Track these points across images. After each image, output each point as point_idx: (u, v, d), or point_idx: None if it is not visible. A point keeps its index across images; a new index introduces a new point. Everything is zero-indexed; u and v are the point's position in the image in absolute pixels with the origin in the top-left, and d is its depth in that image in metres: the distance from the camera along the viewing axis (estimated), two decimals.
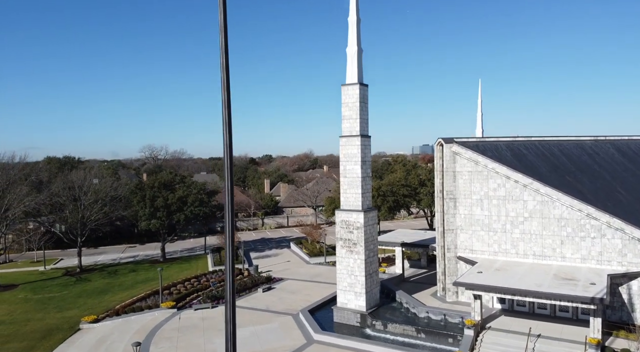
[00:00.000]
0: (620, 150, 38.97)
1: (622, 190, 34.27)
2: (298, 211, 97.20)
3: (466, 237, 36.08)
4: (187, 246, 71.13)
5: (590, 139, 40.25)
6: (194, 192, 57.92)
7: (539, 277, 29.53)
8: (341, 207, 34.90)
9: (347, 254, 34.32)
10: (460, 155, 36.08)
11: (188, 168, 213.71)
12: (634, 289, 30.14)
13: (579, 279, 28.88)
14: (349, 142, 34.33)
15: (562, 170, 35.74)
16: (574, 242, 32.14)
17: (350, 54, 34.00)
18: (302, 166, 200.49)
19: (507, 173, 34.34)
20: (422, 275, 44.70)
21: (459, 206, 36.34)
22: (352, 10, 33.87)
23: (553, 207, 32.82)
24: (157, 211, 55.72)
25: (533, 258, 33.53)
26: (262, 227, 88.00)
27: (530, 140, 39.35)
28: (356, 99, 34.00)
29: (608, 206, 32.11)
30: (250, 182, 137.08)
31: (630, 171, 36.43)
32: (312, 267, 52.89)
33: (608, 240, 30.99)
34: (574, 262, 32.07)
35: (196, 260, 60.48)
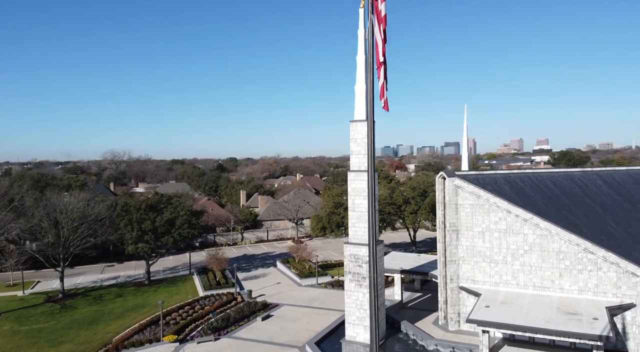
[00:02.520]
0: (607, 181, 41.28)
1: (613, 223, 36.36)
2: (277, 224, 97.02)
3: (468, 268, 37.31)
4: (168, 265, 69.71)
5: (579, 171, 42.47)
6: (181, 214, 56.97)
7: (545, 312, 30.96)
8: (349, 240, 35.37)
9: (355, 287, 34.81)
10: (463, 189, 37.31)
11: (152, 173, 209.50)
12: (628, 319, 32.08)
13: (581, 313, 30.48)
14: (358, 177, 34.90)
15: (557, 204, 37.55)
16: (572, 274, 33.87)
17: (359, 92, 34.60)
18: (272, 173, 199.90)
19: (508, 208, 35.79)
20: (419, 300, 45.77)
21: (461, 238, 37.54)
22: (360, 50, 34.51)
23: (552, 241, 34.47)
24: (144, 234, 54.46)
25: (533, 289, 35.06)
26: (241, 242, 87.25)
27: (525, 173, 41.17)
28: (364, 135, 34.59)
29: (602, 240, 34.02)
30: (223, 192, 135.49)
31: (618, 203, 38.67)
32: (305, 290, 53.04)
33: (604, 273, 32.84)
34: (571, 293, 33.78)
35: (183, 282, 59.40)
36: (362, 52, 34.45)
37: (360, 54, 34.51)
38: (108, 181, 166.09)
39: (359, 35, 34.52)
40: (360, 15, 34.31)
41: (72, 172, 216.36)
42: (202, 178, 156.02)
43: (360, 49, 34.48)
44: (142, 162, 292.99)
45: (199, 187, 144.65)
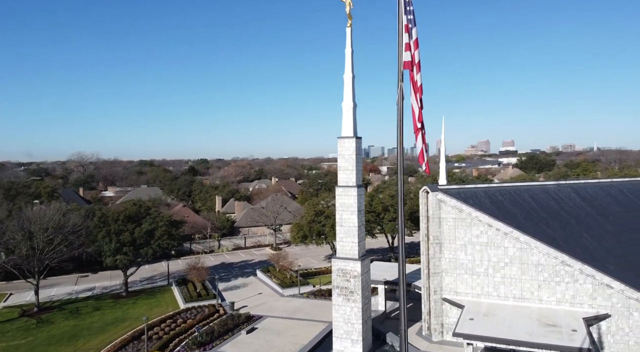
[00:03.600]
0: (580, 194, 43.13)
1: (587, 235, 38.05)
2: (255, 231, 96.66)
3: (451, 280, 38.34)
4: (145, 275, 68.53)
5: (554, 184, 44.23)
6: (160, 225, 56.22)
7: (526, 324, 32.17)
8: (337, 255, 35.84)
9: (343, 302, 35.30)
10: (445, 203, 38.32)
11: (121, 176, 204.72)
12: (603, 329, 33.67)
13: (561, 325, 31.83)
14: (346, 193, 35.43)
15: (535, 217, 39.02)
16: (550, 286, 35.29)
17: (347, 109, 35.15)
18: (247, 176, 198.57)
19: (490, 222, 36.99)
20: None
21: (444, 250, 38.55)
22: (347, 68, 35.05)
23: (531, 254, 35.82)
24: (123, 246, 53.52)
25: (513, 300, 36.34)
26: (219, 250, 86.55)
27: (503, 186, 42.61)
28: (352, 151, 35.20)
29: (578, 253, 35.59)
30: (197, 197, 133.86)
31: (591, 216, 40.47)
32: (288, 300, 53.21)
33: (580, 285, 34.36)
34: (550, 304, 35.19)
35: (162, 293, 58.64)
36: (349, 71, 34.98)
37: (348, 72, 35.03)
38: (76, 185, 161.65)
39: (346, 54, 35.02)
40: (348, 34, 34.85)
41: (36, 174, 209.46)
42: (175, 182, 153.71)
43: (347, 67, 34.99)
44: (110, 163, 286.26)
45: (171, 192, 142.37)
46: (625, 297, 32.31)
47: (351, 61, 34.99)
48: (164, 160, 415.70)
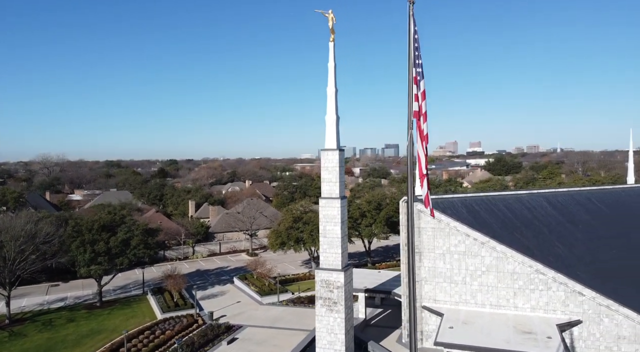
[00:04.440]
0: (551, 203, 44.87)
1: (559, 244, 39.67)
2: (230, 236, 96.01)
3: (430, 288, 39.28)
4: (118, 283, 67.13)
5: (526, 193, 45.86)
6: (136, 234, 55.30)
7: (503, 331, 33.31)
8: (320, 266, 36.18)
9: (327, 312, 35.67)
10: (425, 213, 39.23)
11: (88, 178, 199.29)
12: (575, 334, 35.20)
13: (536, 332, 33.11)
14: (329, 204, 35.80)
15: (510, 227, 40.40)
16: (525, 293, 36.64)
17: (330, 122, 35.56)
18: (219, 179, 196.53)
19: (467, 231, 38.11)
20: (381, 316, 47.41)
21: (423, 259, 39.48)
22: (330, 82, 35.44)
23: (507, 262, 37.10)
24: (97, 256, 52.41)
25: (490, 308, 37.55)
26: (193, 256, 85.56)
27: (479, 196, 43.89)
28: (335, 163, 35.63)
29: (551, 261, 37.09)
30: (169, 201, 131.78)
31: (562, 224, 42.19)
32: (268, 308, 53.21)
33: (553, 292, 35.82)
34: (525, 311, 36.53)
35: (138, 303, 57.66)
36: (332, 84, 35.39)
37: (331, 85, 35.43)
38: (41, 188, 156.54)
39: (329, 68, 35.41)
40: (330, 48, 35.27)
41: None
42: (145, 186, 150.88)
43: (330, 81, 35.39)
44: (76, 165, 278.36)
45: (142, 196, 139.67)
46: (596, 304, 33.88)
47: (334, 75, 35.39)
48: (132, 160, 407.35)
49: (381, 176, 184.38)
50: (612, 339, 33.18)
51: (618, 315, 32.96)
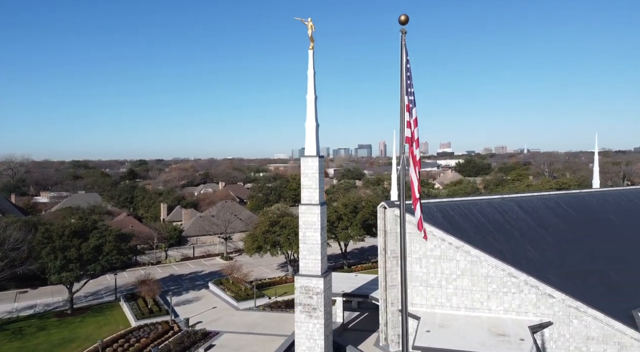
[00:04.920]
0: (522, 207, 46.26)
1: (531, 247, 40.98)
2: (204, 240, 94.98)
3: (407, 291, 39.90)
4: (89, 289, 65.50)
5: (498, 198, 47.13)
6: (109, 240, 54.18)
7: (478, 334, 34.23)
8: (300, 272, 36.38)
9: (306, 318, 35.88)
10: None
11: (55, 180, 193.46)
12: (546, 335, 36.46)
13: (509, 334, 34.15)
14: (309, 211, 36.03)
15: (483, 231, 41.47)
16: (498, 296, 37.71)
17: (310, 129, 35.81)
18: (191, 180, 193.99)
19: (442, 236, 38.95)
20: (358, 319, 47.93)
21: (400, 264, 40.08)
22: (309, 89, 35.71)
23: (481, 266, 38.10)
24: (69, 263, 51.12)
25: (465, 310, 38.47)
26: (166, 261, 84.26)
27: (453, 201, 44.89)
28: (315, 170, 35.91)
29: (523, 264, 38.27)
30: (140, 203, 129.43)
31: (533, 228, 43.57)
32: (244, 314, 52.97)
33: (525, 295, 36.99)
34: (498, 313, 37.60)
35: (110, 310, 56.47)
36: (311, 92, 35.65)
37: (310, 93, 35.69)
38: (6, 191, 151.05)
39: (308, 76, 35.67)
40: (310, 56, 35.52)
41: None
42: (115, 188, 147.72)
43: (309, 89, 35.65)
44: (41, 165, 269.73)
45: (111, 199, 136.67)
46: (566, 306, 35.17)
47: (313, 83, 35.67)
48: (100, 161, 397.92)
49: (355, 177, 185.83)
50: (581, 340, 34.51)
51: (587, 316, 34.30)
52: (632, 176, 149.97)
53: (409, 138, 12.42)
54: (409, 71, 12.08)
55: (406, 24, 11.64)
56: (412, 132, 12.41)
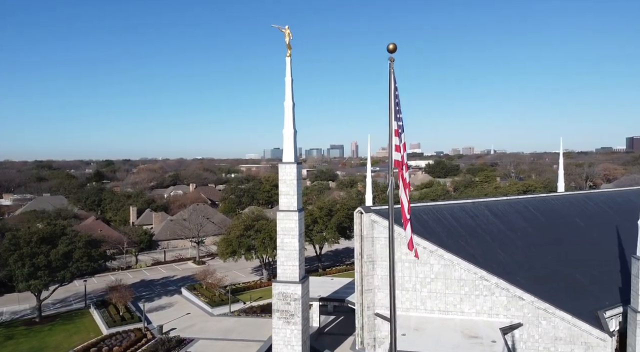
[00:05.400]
0: (492, 211, 47.66)
1: (501, 251, 42.30)
2: (175, 244, 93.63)
3: (383, 295, 40.61)
4: (57, 296, 63.59)
5: (470, 202, 48.36)
6: (79, 246, 52.87)
7: (452, 337, 35.12)
8: (278, 278, 36.49)
9: (283, 325, 36.04)
10: (378, 224, 40.54)
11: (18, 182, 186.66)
12: (517, 336, 37.72)
13: (482, 336, 35.18)
14: (287, 217, 36.19)
15: (455, 235, 42.54)
16: (471, 299, 38.78)
17: (287, 136, 36.00)
18: (160, 182, 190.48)
19: (417, 240, 39.68)
20: (334, 323, 48.34)
21: (376, 268, 40.74)
22: (287, 96, 35.90)
23: (454, 270, 39.09)
24: (37, 270, 49.66)
25: (439, 313, 39.39)
26: (136, 266, 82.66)
27: (427, 205, 45.85)
28: (294, 176, 36.10)
29: (494, 267, 39.48)
30: (108, 206, 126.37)
31: (503, 232, 44.97)
32: (219, 320, 52.61)
33: (496, 297, 38.18)
34: (470, 316, 38.65)
35: (80, 318, 55.12)
36: (289, 99, 35.83)
37: (288, 100, 35.87)
38: None
39: (286, 83, 35.85)
40: (287, 63, 35.69)
41: None
42: (82, 190, 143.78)
43: (287, 96, 35.82)
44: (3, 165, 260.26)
45: (78, 202, 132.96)
46: (535, 308, 36.48)
47: (291, 89, 35.86)
48: (64, 161, 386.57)
49: (328, 178, 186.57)
50: (549, 340, 35.88)
51: (555, 317, 35.68)
52: (594, 178, 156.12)
53: (398, 161, 12.87)
54: (397, 98, 12.51)
55: (394, 52, 12.03)
56: (401, 156, 12.86)
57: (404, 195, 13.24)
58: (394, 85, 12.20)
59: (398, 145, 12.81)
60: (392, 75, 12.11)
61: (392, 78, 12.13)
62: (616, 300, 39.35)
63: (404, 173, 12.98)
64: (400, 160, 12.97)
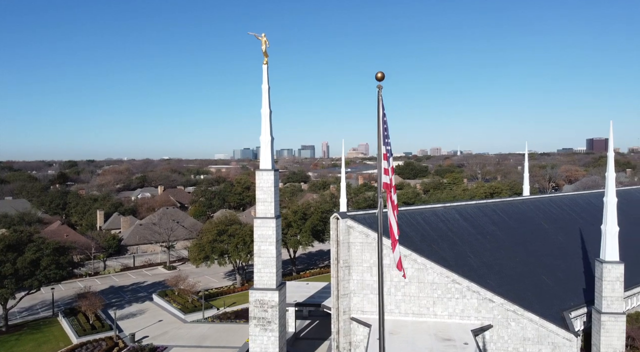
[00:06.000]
0: (462, 215, 49.02)
1: (471, 254, 43.59)
2: (145, 249, 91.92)
3: (358, 300, 41.23)
4: (23, 304, 61.37)
5: (441, 207, 49.59)
6: (47, 253, 51.41)
7: (426, 340, 36.01)
8: (255, 286, 36.56)
9: (260, 332, 36.15)
10: (354, 229, 41.11)
11: None
12: (487, 338, 38.98)
13: (455, 338, 36.22)
14: (264, 224, 36.31)
15: (428, 239, 43.60)
16: (443, 302, 39.84)
17: (264, 143, 36.13)
18: (128, 184, 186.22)
19: (391, 245, 40.54)
20: (309, 328, 48.66)
21: (352, 273, 41.30)
22: (264, 103, 36.03)
23: (427, 274, 40.07)
24: (4, 279, 48.03)
25: (412, 316, 40.28)
26: (105, 272, 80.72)
27: (400, 210, 46.77)
28: (271, 183, 36.25)
29: (465, 271, 40.68)
30: (73, 210, 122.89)
31: (473, 235, 46.33)
32: (193, 326, 52.11)
33: (467, 300, 39.35)
34: (443, 318, 39.70)
35: (48, 327, 53.57)
36: (266, 106, 35.96)
37: (265, 107, 35.99)
38: None
39: (262, 90, 35.97)
40: (264, 71, 35.83)
41: None
42: (46, 194, 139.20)
43: (264, 103, 35.95)
44: None
45: (42, 205, 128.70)
46: (504, 310, 37.81)
47: (268, 97, 36.01)
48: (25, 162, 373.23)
49: (300, 179, 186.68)
50: (518, 341, 37.24)
51: (523, 319, 37.07)
52: (557, 179, 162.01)
53: (387, 184, 13.35)
54: (385, 124, 12.98)
55: (382, 80, 12.49)
56: (390, 179, 13.34)
57: (392, 217, 13.74)
58: (382, 112, 12.67)
59: (387, 168, 13.30)
60: (381, 102, 12.57)
61: (381, 105, 12.59)
62: (580, 301, 41.25)
63: (393, 195, 13.47)
64: (388, 183, 13.46)
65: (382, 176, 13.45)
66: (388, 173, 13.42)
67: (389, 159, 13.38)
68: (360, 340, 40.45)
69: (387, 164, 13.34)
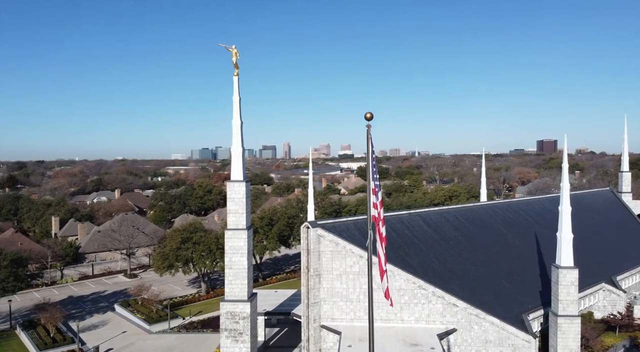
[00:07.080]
0: (426, 221, 50.65)
1: (435, 260, 45.21)
2: (103, 256, 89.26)
3: (328, 307, 41.94)
4: None
5: (406, 214, 51.04)
6: (4, 265, 49.35)
7: (395, 345, 37.12)
8: (226, 297, 36.59)
9: (232, 343, 36.26)
10: (324, 238, 41.79)
11: None
12: (452, 341, 40.58)
13: (422, 343, 37.51)
14: (235, 235, 36.42)
15: (395, 246, 44.82)
16: (410, 307, 41.17)
17: (236, 154, 36.26)
18: (82, 188, 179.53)
19: (360, 253, 41.52)
20: (278, 336, 48.95)
21: (322, 281, 41.96)
22: (235, 115, 36.19)
23: (394, 280, 41.26)
24: None
25: (381, 322, 41.33)
26: (62, 281, 77.87)
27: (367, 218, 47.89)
28: (242, 194, 36.40)
29: (430, 277, 42.19)
30: (26, 215, 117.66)
31: (437, 241, 48.00)
32: (159, 337, 51.30)
33: (433, 305, 40.84)
34: (410, 323, 41.02)
35: (7, 340, 51.41)
36: (237, 117, 36.10)
37: (236, 118, 36.14)
38: None
39: (233, 102, 36.14)
40: (235, 82, 35.97)
41: None
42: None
43: (235, 114, 36.08)
44: None
45: None
46: (468, 314, 39.51)
47: (239, 108, 36.17)
48: None
49: (263, 181, 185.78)
50: (481, 344, 39.03)
51: (485, 322, 38.89)
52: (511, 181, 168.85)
53: (375, 217, 14.05)
54: (374, 160, 13.68)
55: (371, 120, 13.16)
56: (378, 212, 14.04)
57: (380, 249, 14.44)
58: (371, 149, 13.35)
59: (375, 202, 14.00)
60: (370, 141, 13.24)
61: (370, 143, 13.26)
62: (537, 303, 43.61)
63: (381, 228, 14.17)
64: (377, 216, 14.16)
65: (372, 209, 14.15)
66: (377, 207, 14.14)
67: (377, 194, 14.09)
68: (330, 347, 41.17)
69: (376, 198, 14.06)
